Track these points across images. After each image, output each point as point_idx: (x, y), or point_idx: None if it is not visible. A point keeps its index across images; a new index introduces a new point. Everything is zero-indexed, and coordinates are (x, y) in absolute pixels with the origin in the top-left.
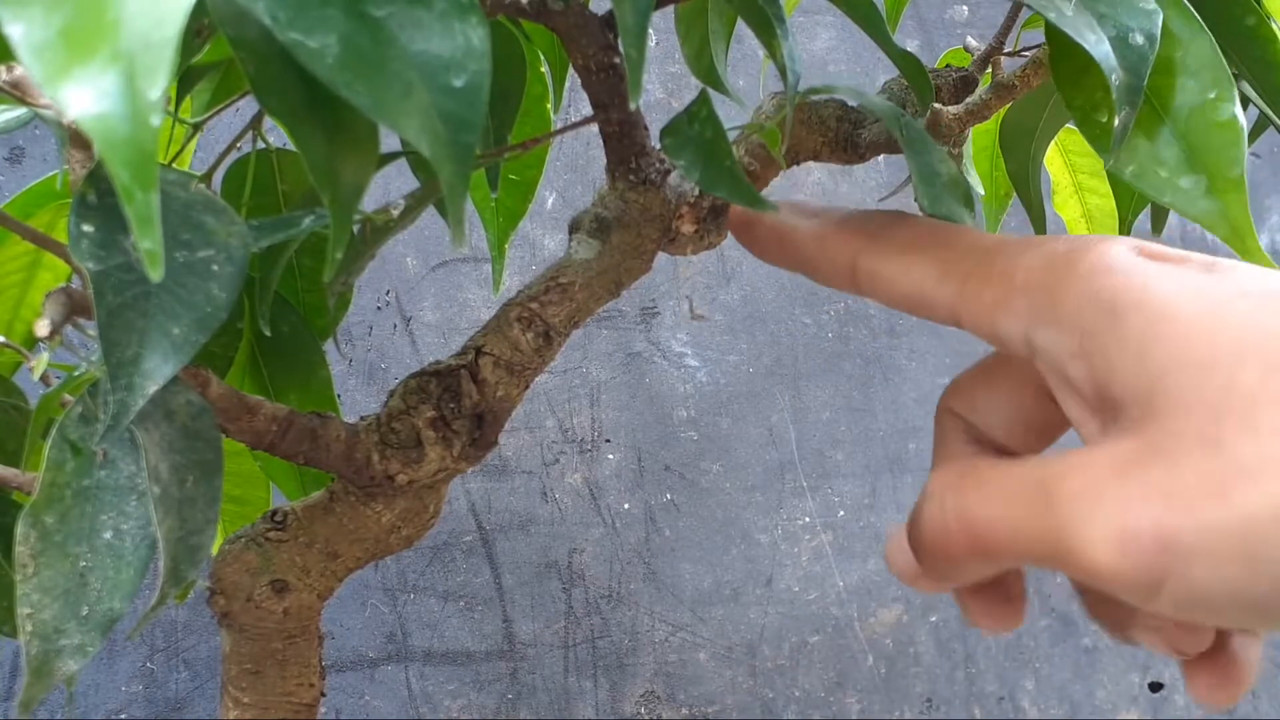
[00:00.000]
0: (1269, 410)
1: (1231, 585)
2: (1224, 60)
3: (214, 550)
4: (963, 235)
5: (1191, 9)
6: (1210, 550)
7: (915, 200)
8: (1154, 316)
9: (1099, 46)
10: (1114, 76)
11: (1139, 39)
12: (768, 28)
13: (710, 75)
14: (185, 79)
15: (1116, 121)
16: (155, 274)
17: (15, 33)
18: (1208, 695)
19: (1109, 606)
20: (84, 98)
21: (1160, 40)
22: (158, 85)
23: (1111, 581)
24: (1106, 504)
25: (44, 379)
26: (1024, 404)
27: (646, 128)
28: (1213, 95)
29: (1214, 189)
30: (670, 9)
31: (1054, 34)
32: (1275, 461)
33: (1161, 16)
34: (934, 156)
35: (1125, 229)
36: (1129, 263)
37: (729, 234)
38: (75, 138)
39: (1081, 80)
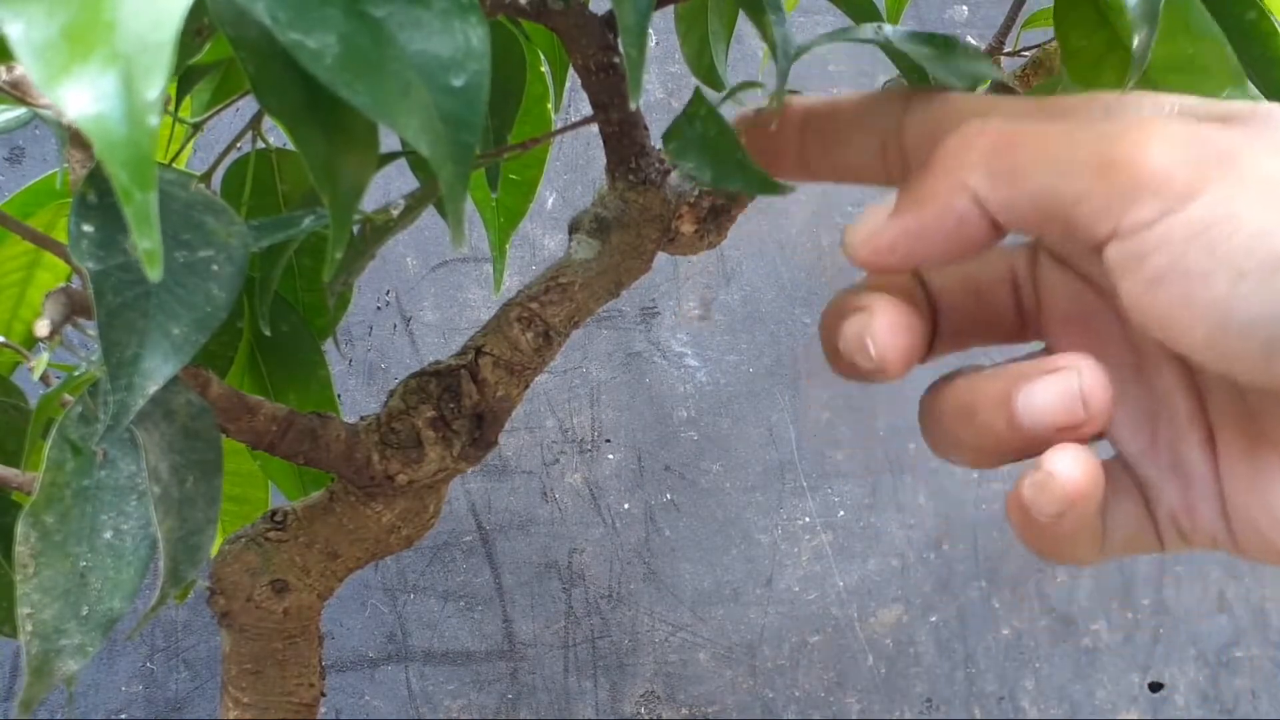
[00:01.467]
0: None
1: (1259, 226)
2: (1236, 59)
3: (214, 550)
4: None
5: (1204, 6)
6: (1264, 179)
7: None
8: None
9: None
10: None
11: None
12: (759, 7)
13: (710, 75)
14: (185, 79)
15: (1136, 42)
16: (154, 274)
17: (14, 32)
18: (1031, 494)
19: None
20: (82, 98)
21: (1176, 37)
22: (155, 86)
23: (1151, 182)
24: (1182, 122)
25: (44, 379)
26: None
27: (646, 128)
28: (1225, 95)
29: None
30: (670, 9)
31: None
32: None
33: None
34: (940, 60)
35: None
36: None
37: (729, 228)
38: (75, 138)
39: (1091, 33)
